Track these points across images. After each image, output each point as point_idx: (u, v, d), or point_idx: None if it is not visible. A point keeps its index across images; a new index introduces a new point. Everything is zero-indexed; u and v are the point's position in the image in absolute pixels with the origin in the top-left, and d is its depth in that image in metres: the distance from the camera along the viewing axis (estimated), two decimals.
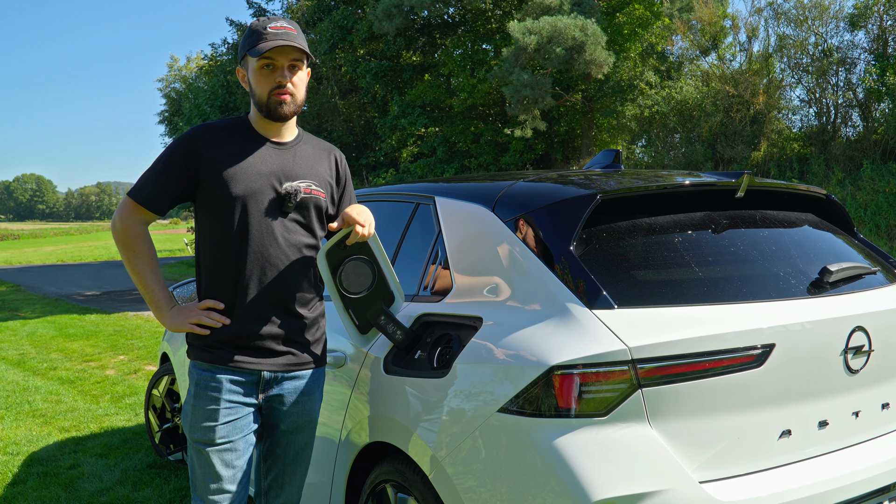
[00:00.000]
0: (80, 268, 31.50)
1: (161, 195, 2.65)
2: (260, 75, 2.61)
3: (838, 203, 3.23)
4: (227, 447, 2.61)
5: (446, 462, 2.47)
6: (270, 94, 2.61)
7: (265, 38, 2.57)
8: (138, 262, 2.66)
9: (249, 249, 2.62)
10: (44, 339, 11.77)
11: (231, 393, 2.63)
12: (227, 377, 2.63)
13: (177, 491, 4.84)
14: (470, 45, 21.36)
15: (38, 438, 6.20)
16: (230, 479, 2.63)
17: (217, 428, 2.60)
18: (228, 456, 2.62)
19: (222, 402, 2.61)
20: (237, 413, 2.64)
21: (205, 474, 2.62)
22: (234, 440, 2.62)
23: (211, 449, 2.60)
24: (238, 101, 24.11)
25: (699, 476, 2.24)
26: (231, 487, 2.64)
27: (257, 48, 2.56)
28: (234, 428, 2.63)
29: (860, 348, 2.57)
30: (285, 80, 2.61)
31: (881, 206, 13.94)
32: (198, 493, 2.66)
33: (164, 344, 5.38)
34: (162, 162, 2.65)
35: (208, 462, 2.61)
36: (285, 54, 2.60)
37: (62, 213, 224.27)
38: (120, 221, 2.66)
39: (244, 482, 2.68)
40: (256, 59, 2.59)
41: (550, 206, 2.65)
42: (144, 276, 2.66)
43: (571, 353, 2.24)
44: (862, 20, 16.13)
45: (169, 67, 43.45)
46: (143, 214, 2.67)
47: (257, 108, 2.67)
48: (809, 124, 17.73)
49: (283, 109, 2.63)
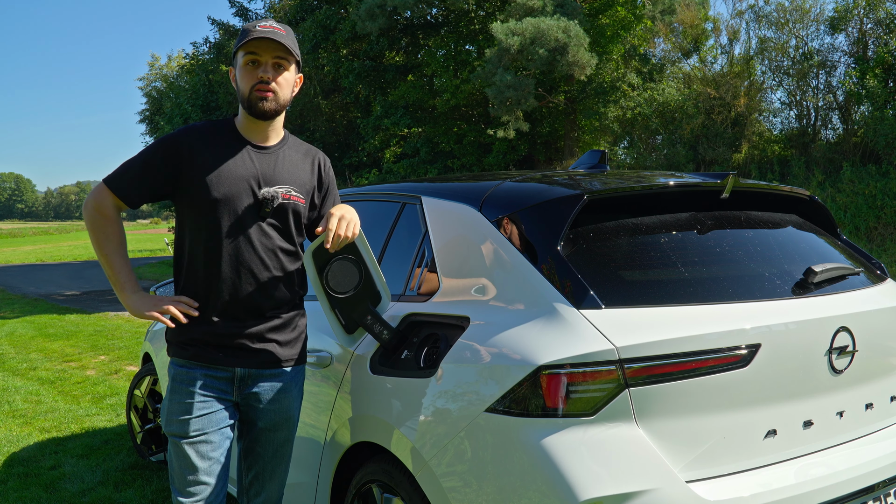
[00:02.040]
0: (59, 267, 31.24)
1: (136, 189, 2.67)
2: (245, 71, 2.64)
3: (822, 204, 3.25)
4: (202, 439, 2.65)
5: (433, 462, 2.47)
6: (252, 90, 2.62)
7: (252, 34, 2.59)
8: (107, 243, 2.67)
9: (225, 252, 2.65)
10: (23, 339, 11.66)
11: (205, 388, 2.68)
12: (202, 372, 2.68)
13: (159, 492, 4.80)
14: (453, 45, 21.40)
15: (19, 439, 6.14)
16: (206, 472, 2.66)
17: (191, 421, 2.65)
18: (203, 448, 2.65)
19: (196, 396, 2.66)
20: (211, 407, 2.68)
21: (181, 467, 2.66)
22: (209, 433, 2.66)
23: (185, 441, 2.64)
24: (220, 100, 24.01)
25: (686, 475, 2.25)
26: (208, 480, 2.66)
27: (243, 41, 2.59)
28: (209, 421, 2.67)
29: (844, 348, 2.59)
30: (267, 75, 2.61)
31: (861, 208, 14.06)
32: (176, 486, 2.69)
33: (147, 344, 5.35)
34: (143, 158, 2.68)
35: (184, 454, 2.65)
36: (269, 51, 2.61)
37: (41, 213, 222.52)
38: (93, 202, 2.67)
39: (222, 476, 2.71)
40: (242, 55, 2.62)
41: (537, 205, 2.65)
42: (111, 258, 2.68)
43: (559, 352, 2.24)
44: (842, 23, 16.26)
45: (150, 66, 43.30)
46: (115, 201, 2.68)
47: (242, 105, 2.69)
48: (790, 127, 17.86)
49: (263, 105, 2.63)
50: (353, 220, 2.65)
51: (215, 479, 2.68)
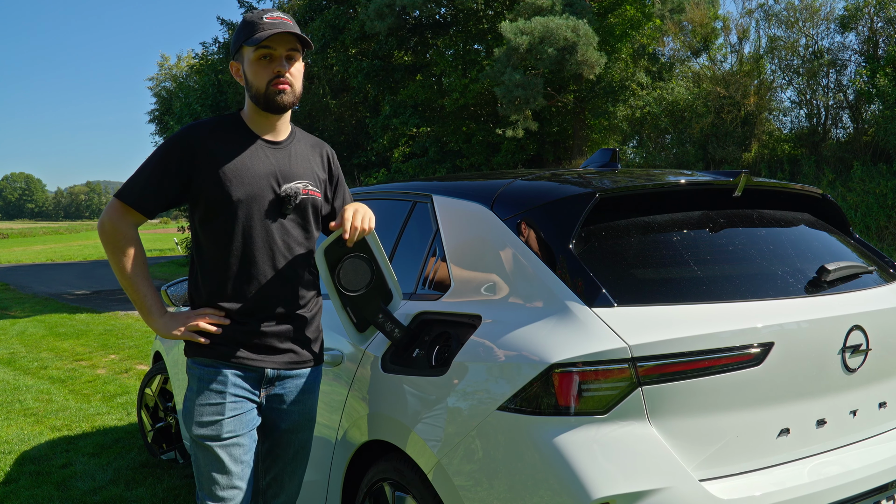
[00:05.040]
0: (69, 267, 31.37)
1: (152, 198, 2.58)
2: (258, 66, 2.57)
3: (834, 202, 3.23)
4: (234, 441, 2.57)
5: (445, 460, 2.46)
6: (269, 85, 2.56)
7: (262, 27, 2.52)
8: (128, 264, 2.57)
9: (249, 251, 2.59)
10: (34, 339, 11.71)
11: (236, 387, 2.60)
12: (232, 372, 2.60)
13: (170, 490, 4.81)
14: (461, 45, 21.36)
15: (30, 437, 6.17)
16: (239, 476, 2.59)
17: (224, 422, 2.56)
18: (236, 451, 2.58)
19: (228, 397, 2.58)
20: (242, 407, 2.61)
21: (212, 471, 2.57)
22: (241, 434, 2.59)
23: (217, 444, 2.56)
24: (229, 100, 24.03)
25: (699, 474, 2.24)
26: (240, 484, 2.59)
27: (255, 37, 2.51)
28: (241, 422, 2.60)
29: (858, 347, 2.58)
30: (284, 69, 2.56)
31: (871, 207, 13.99)
32: (205, 491, 2.59)
33: (157, 343, 5.36)
34: (154, 162, 2.58)
35: (216, 458, 2.56)
36: (283, 43, 2.56)
37: (51, 212, 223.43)
38: (109, 223, 2.57)
39: (251, 480, 2.65)
40: (254, 50, 2.55)
41: (549, 204, 2.64)
42: (134, 281, 2.58)
43: (571, 351, 2.23)
44: (852, 22, 16.18)
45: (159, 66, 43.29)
46: (133, 217, 2.58)
47: (254, 100, 2.61)
48: (800, 126, 17.77)
49: (282, 99, 2.58)
50: (367, 213, 2.63)
51: (246, 483, 2.61)
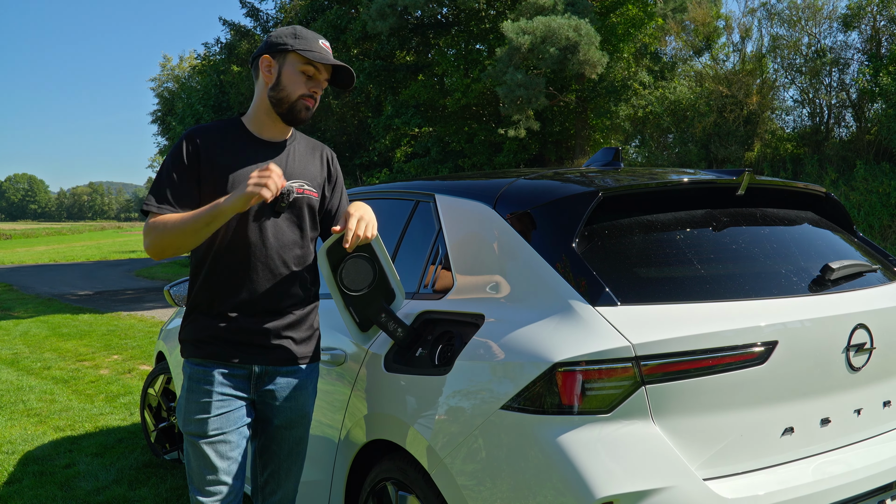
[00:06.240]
0: (72, 267, 31.38)
1: (188, 194, 2.60)
2: (298, 78, 2.68)
3: (837, 201, 3.23)
4: (221, 439, 2.66)
5: (448, 459, 2.46)
6: (301, 98, 2.69)
7: (319, 49, 2.67)
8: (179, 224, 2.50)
9: (241, 249, 2.65)
10: (37, 339, 11.72)
11: (223, 386, 2.68)
12: (219, 371, 2.68)
13: (173, 490, 4.82)
14: (463, 44, 21.36)
15: (33, 438, 6.17)
16: (225, 471, 2.67)
17: (210, 420, 2.65)
18: (222, 447, 2.66)
19: (214, 395, 2.66)
20: (230, 405, 2.69)
21: (200, 467, 2.66)
22: (227, 432, 2.67)
23: (204, 441, 2.65)
24: (231, 100, 24.07)
25: (703, 473, 2.23)
26: (227, 479, 2.67)
27: (316, 54, 2.64)
28: (227, 420, 2.67)
29: (862, 346, 2.57)
30: (319, 91, 2.72)
31: (874, 206, 13.98)
32: (195, 485, 2.69)
33: (160, 343, 5.37)
34: (172, 166, 2.63)
35: (203, 454, 2.65)
36: (326, 71, 2.73)
37: (54, 213, 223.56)
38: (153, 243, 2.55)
39: (240, 475, 2.71)
40: (304, 62, 2.66)
41: (552, 202, 2.64)
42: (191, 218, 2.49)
43: (574, 349, 2.23)
44: (855, 21, 16.16)
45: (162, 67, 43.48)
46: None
47: (275, 103, 2.70)
48: (803, 125, 17.75)
49: (305, 114, 2.72)
50: (371, 221, 2.65)
51: (233, 478, 2.69)
